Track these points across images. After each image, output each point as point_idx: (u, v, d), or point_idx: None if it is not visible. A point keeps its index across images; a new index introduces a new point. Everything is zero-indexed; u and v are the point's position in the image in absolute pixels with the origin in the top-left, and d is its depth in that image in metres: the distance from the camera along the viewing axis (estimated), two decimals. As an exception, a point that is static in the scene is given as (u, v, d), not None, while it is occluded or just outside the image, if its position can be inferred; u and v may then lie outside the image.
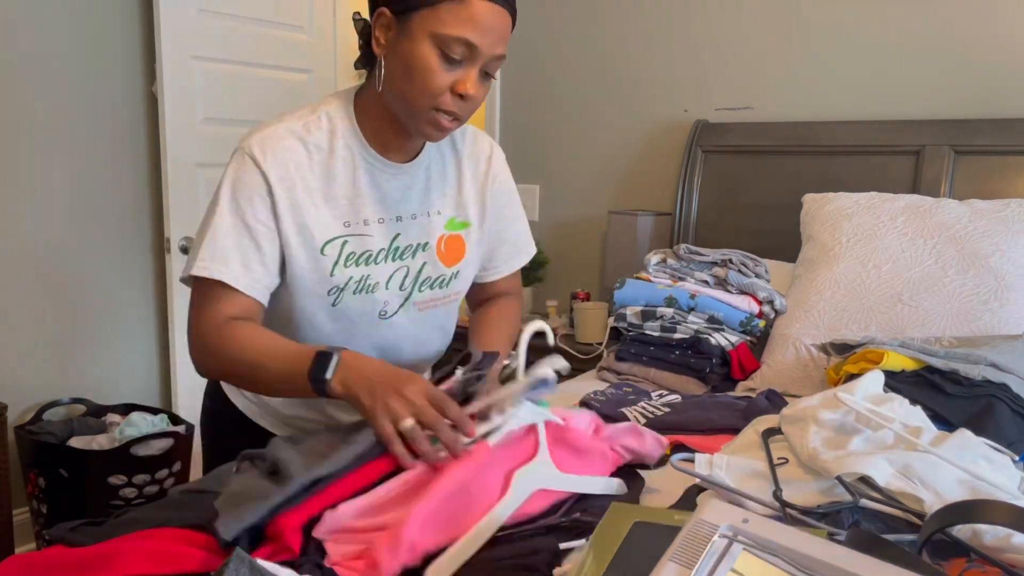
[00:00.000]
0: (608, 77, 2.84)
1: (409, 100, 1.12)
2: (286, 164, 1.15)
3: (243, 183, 1.14)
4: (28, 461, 2.37)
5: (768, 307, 1.98)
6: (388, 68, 1.13)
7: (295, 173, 1.16)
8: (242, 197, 1.14)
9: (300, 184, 1.16)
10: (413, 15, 1.08)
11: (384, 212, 1.22)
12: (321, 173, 1.18)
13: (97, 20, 2.57)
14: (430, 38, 1.07)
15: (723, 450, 1.19)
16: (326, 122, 1.19)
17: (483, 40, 1.08)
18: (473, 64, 1.10)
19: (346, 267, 1.20)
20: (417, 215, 1.26)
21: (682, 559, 0.61)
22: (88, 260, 2.62)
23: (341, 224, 1.19)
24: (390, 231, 1.23)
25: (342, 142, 1.19)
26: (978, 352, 1.47)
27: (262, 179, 1.14)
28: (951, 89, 2.27)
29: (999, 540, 0.88)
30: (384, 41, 1.12)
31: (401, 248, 1.24)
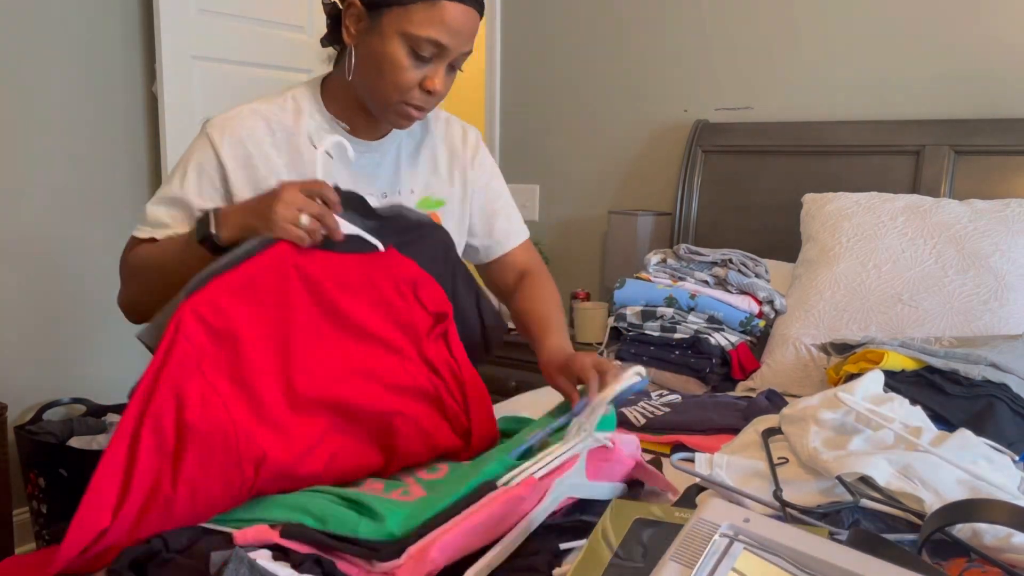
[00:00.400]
0: (608, 77, 2.84)
1: (378, 93, 1.16)
2: (244, 142, 1.18)
3: (193, 161, 1.19)
4: (28, 461, 2.37)
5: (768, 307, 1.98)
6: (357, 59, 1.16)
7: (254, 150, 1.19)
8: (190, 173, 1.18)
9: (260, 161, 1.19)
10: (384, 12, 1.10)
11: (353, 189, 1.21)
12: (287, 150, 1.20)
13: (97, 20, 2.57)
14: (400, 36, 1.10)
15: (723, 450, 1.19)
16: (291, 103, 1.23)
17: (452, 40, 1.11)
18: (441, 61, 1.14)
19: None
20: (388, 193, 1.27)
21: (683, 558, 0.61)
22: (88, 260, 2.62)
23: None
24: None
25: (308, 120, 1.22)
26: (978, 352, 1.47)
27: (214, 157, 1.18)
28: (951, 89, 2.27)
29: (999, 540, 0.88)
30: (354, 31, 1.15)
31: None
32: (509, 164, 3.11)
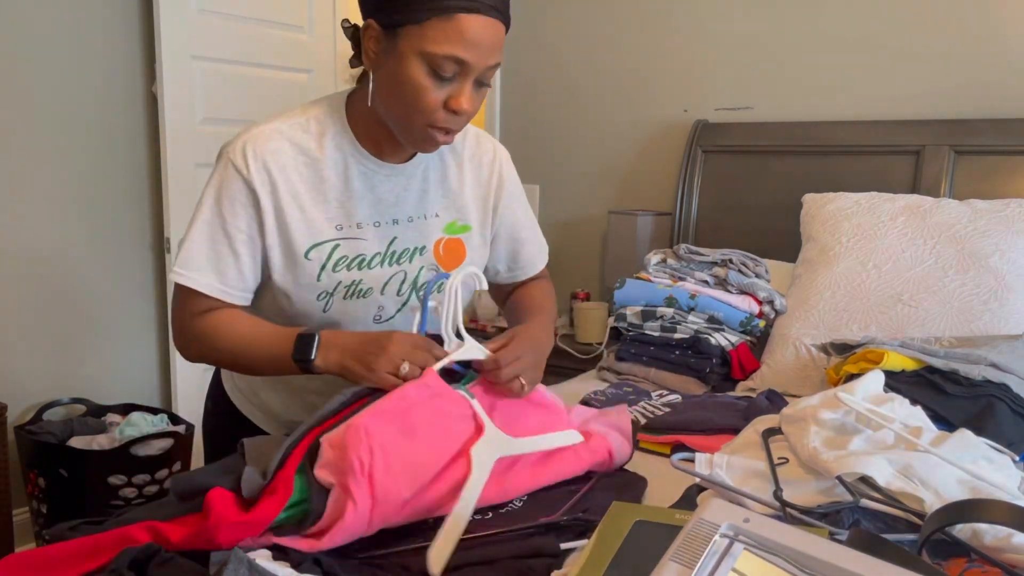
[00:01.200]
0: (608, 77, 2.84)
1: (401, 117, 1.09)
2: (270, 168, 1.12)
3: (226, 191, 1.12)
4: (28, 461, 2.37)
5: (768, 307, 1.98)
6: (378, 83, 1.09)
7: (279, 176, 1.13)
8: (224, 205, 1.12)
9: (284, 187, 1.13)
10: (400, 31, 1.04)
11: (379, 215, 1.19)
12: (309, 175, 1.14)
13: (97, 20, 2.57)
14: (419, 56, 1.03)
15: (723, 450, 1.19)
16: (315, 125, 1.16)
17: (474, 55, 1.03)
18: (466, 79, 1.06)
19: (335, 272, 1.17)
20: (414, 218, 1.22)
21: (683, 559, 0.61)
22: (88, 260, 2.62)
23: (333, 227, 1.16)
24: (386, 235, 1.20)
25: (332, 143, 1.15)
26: (978, 352, 1.47)
27: (245, 186, 1.12)
28: (951, 89, 2.27)
29: (999, 540, 0.88)
30: (373, 55, 1.09)
31: (398, 252, 1.21)
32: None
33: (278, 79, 2.93)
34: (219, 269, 1.13)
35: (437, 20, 1.01)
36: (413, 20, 1.02)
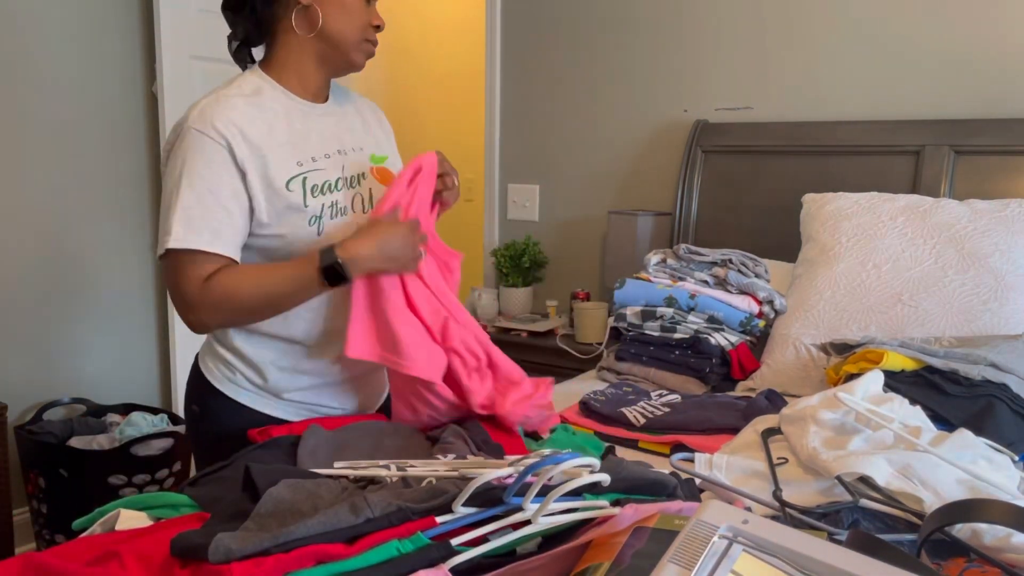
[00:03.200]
0: (608, 77, 2.84)
1: (343, 35, 1.34)
2: (233, 120, 1.26)
3: (200, 157, 1.23)
4: (28, 461, 2.37)
5: (768, 307, 1.98)
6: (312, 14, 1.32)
7: (245, 125, 1.27)
8: (202, 170, 1.23)
9: (252, 132, 1.27)
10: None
11: (326, 147, 1.36)
12: (261, 125, 1.29)
13: (97, 20, 2.57)
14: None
15: (723, 450, 1.19)
16: (248, 87, 1.34)
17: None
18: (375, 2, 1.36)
19: (314, 197, 1.31)
20: (349, 150, 1.40)
21: (682, 560, 0.61)
22: (88, 260, 2.62)
23: (295, 163, 1.31)
24: (337, 163, 1.36)
25: (268, 97, 1.33)
26: (978, 352, 1.47)
27: (218, 145, 1.24)
28: (951, 89, 2.27)
29: (998, 540, 0.88)
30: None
31: (350, 177, 1.37)
32: (509, 164, 3.11)
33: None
34: (214, 228, 1.23)
35: None
36: None
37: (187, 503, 0.98)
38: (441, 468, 0.92)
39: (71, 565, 0.80)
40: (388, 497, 0.82)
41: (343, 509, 0.79)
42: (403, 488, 0.88)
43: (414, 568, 0.75)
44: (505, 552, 0.81)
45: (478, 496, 0.82)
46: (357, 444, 1.15)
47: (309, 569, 0.75)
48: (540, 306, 3.02)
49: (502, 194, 3.14)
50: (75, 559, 0.82)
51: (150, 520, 0.95)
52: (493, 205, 3.15)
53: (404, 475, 0.92)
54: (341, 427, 1.20)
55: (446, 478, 0.88)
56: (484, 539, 0.79)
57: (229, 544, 0.76)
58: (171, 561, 0.80)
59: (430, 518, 0.80)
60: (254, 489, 0.89)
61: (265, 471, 0.92)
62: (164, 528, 0.89)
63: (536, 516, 0.79)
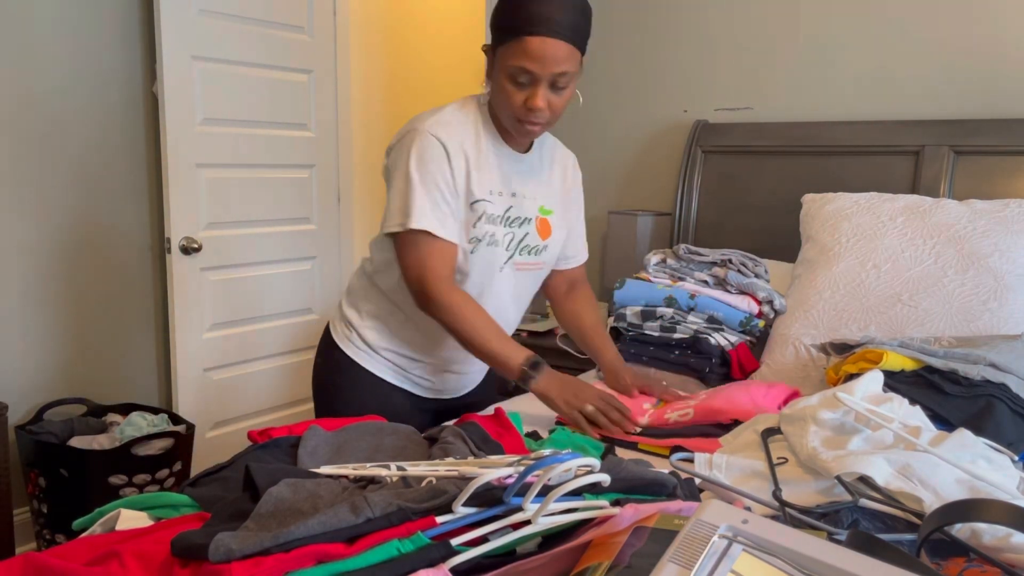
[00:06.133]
0: (608, 77, 2.84)
1: (500, 114, 1.50)
2: (457, 138, 1.49)
3: (428, 155, 1.46)
4: (28, 461, 2.37)
5: (768, 307, 1.98)
6: (491, 91, 1.50)
7: (464, 144, 1.49)
8: (430, 165, 1.45)
9: (469, 152, 1.49)
10: (497, 51, 1.44)
11: (503, 187, 1.55)
12: (471, 148, 1.51)
13: (97, 20, 2.57)
14: (503, 69, 1.43)
15: (722, 449, 1.19)
16: (471, 116, 1.53)
17: (537, 66, 1.39)
18: (537, 84, 1.42)
19: (483, 224, 1.51)
20: (522, 195, 1.58)
21: (682, 560, 0.61)
22: (88, 260, 2.63)
23: (487, 190, 1.52)
24: (505, 203, 1.55)
25: (482, 129, 1.54)
26: (977, 352, 1.47)
27: (443, 150, 1.46)
28: (951, 89, 2.27)
29: (998, 540, 0.88)
30: (488, 69, 1.49)
31: (512, 218, 1.56)
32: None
33: (278, 79, 2.93)
34: (440, 215, 1.47)
35: (512, 41, 1.40)
36: (501, 42, 1.42)
37: (187, 503, 0.98)
38: (441, 468, 0.92)
39: (71, 565, 0.80)
40: (388, 497, 0.82)
41: (343, 509, 0.79)
42: (403, 488, 0.88)
43: (414, 568, 0.75)
44: (505, 552, 0.81)
45: (478, 496, 0.82)
46: (357, 444, 1.15)
47: (309, 569, 0.75)
48: (540, 306, 3.02)
49: (502, 194, 3.14)
50: (75, 559, 0.82)
51: (150, 520, 0.95)
52: (493, 205, 3.15)
53: (404, 475, 0.92)
54: (341, 428, 1.20)
55: (446, 478, 0.88)
56: (484, 539, 0.79)
57: (229, 544, 0.76)
58: (171, 561, 0.80)
59: (430, 518, 0.80)
60: (254, 489, 0.89)
61: (265, 471, 0.92)
62: (164, 528, 0.89)
63: (536, 516, 0.79)
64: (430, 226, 1.45)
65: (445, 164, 1.47)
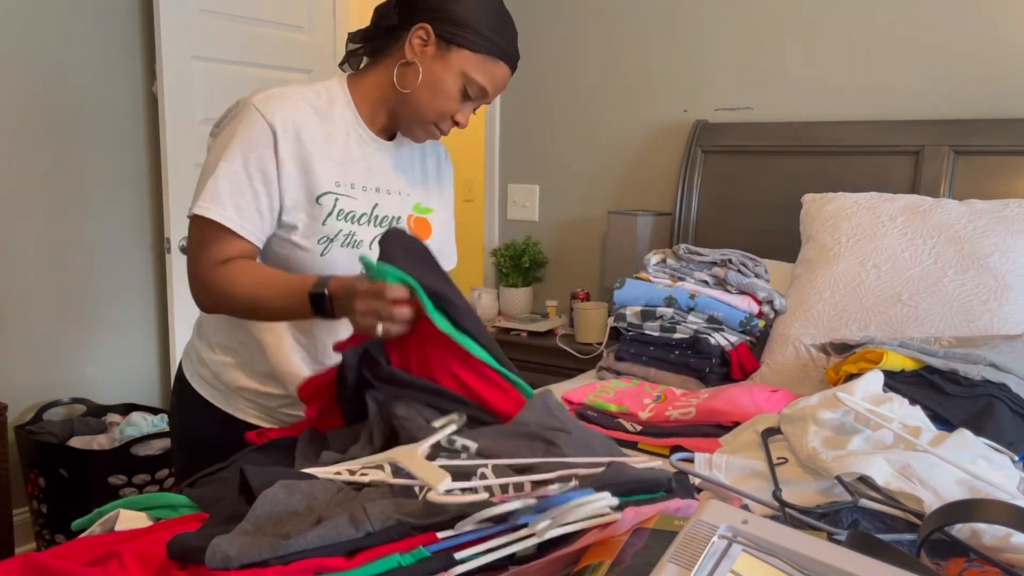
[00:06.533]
0: (608, 77, 2.84)
1: (419, 109, 1.31)
2: (292, 117, 1.27)
3: (249, 134, 1.26)
4: (28, 461, 2.37)
5: (768, 307, 1.98)
6: (410, 74, 1.30)
7: (301, 125, 1.28)
8: (247, 147, 1.25)
9: (306, 135, 1.28)
10: (456, 49, 1.28)
11: (368, 181, 1.36)
12: (319, 134, 1.31)
13: (97, 20, 2.57)
14: (460, 74, 1.28)
15: (722, 449, 1.19)
16: (325, 95, 1.34)
17: (493, 93, 1.32)
18: (475, 104, 1.34)
19: (337, 220, 1.31)
20: (391, 191, 1.40)
21: (681, 560, 0.61)
22: (88, 260, 2.62)
23: (333, 182, 1.31)
24: (371, 199, 1.36)
25: (339, 111, 1.34)
26: (977, 352, 1.47)
27: (268, 130, 1.26)
28: (951, 89, 2.27)
29: (998, 540, 0.88)
30: (417, 49, 1.29)
31: (380, 217, 1.37)
32: (509, 164, 3.11)
33: (278, 79, 2.93)
34: (239, 206, 1.25)
35: (486, 57, 1.28)
36: (472, 47, 1.28)
37: (186, 504, 0.98)
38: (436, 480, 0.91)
39: (71, 565, 0.79)
40: (388, 509, 0.81)
41: (342, 521, 0.78)
42: (404, 499, 0.87)
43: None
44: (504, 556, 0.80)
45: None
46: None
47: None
48: (540, 306, 3.02)
49: (502, 194, 3.14)
50: (75, 559, 0.82)
51: (149, 520, 0.95)
52: (493, 205, 3.15)
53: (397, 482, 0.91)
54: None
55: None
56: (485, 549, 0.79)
57: (227, 550, 0.75)
58: (170, 561, 0.80)
59: (431, 533, 0.79)
60: (249, 491, 0.89)
61: (260, 472, 0.91)
62: (163, 528, 0.89)
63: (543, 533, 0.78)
64: (221, 216, 1.23)
65: (268, 148, 1.25)
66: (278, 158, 1.26)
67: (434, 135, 1.35)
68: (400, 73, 1.31)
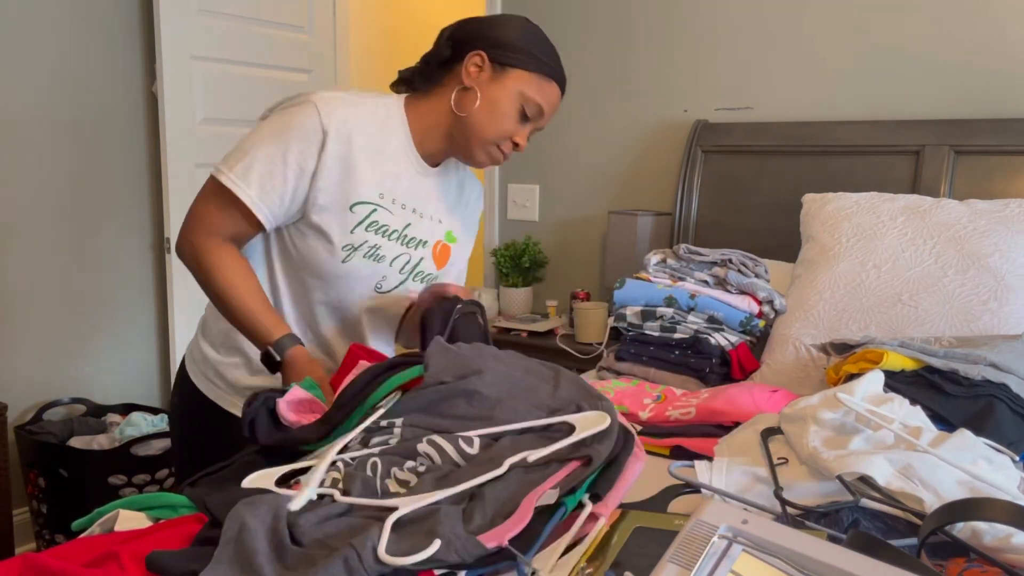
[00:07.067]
0: (608, 77, 2.84)
1: (480, 132, 1.34)
2: (349, 123, 1.29)
3: (298, 124, 1.27)
4: (28, 461, 2.37)
5: (768, 307, 1.98)
6: (469, 99, 1.33)
7: (357, 132, 1.30)
8: (292, 135, 1.27)
9: (358, 143, 1.30)
10: (510, 70, 1.33)
11: (407, 200, 1.39)
12: (372, 145, 1.32)
13: (97, 20, 2.57)
14: (518, 95, 1.33)
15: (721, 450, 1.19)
16: (383, 111, 1.36)
17: (548, 112, 1.37)
18: (532, 125, 1.37)
19: (366, 231, 1.33)
20: (424, 215, 1.42)
21: (681, 560, 0.61)
22: (88, 260, 2.62)
23: (376, 193, 1.34)
24: (406, 218, 1.39)
25: (394, 130, 1.36)
26: (978, 352, 1.47)
27: (320, 130, 1.27)
28: (951, 89, 2.27)
29: (999, 540, 0.88)
30: (474, 75, 1.34)
31: (409, 237, 1.40)
32: (509, 164, 3.11)
33: (278, 79, 2.93)
34: (263, 187, 1.27)
35: (540, 76, 1.34)
36: (526, 67, 1.33)
37: (186, 504, 0.98)
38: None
39: (70, 566, 0.79)
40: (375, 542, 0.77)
41: (337, 569, 0.75)
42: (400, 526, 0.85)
43: None
44: None
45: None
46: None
47: None
48: (540, 306, 3.02)
49: (502, 194, 3.14)
50: (74, 560, 0.82)
51: (149, 521, 0.95)
52: (493, 205, 3.15)
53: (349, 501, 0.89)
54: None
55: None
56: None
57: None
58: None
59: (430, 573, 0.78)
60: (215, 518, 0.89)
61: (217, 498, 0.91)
62: (163, 529, 0.89)
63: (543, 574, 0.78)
64: (242, 193, 1.25)
65: (314, 147, 1.27)
66: (320, 159, 1.28)
67: (496, 157, 1.38)
68: (458, 98, 1.34)
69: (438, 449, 0.95)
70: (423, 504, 0.83)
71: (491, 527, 0.79)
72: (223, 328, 1.41)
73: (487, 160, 1.39)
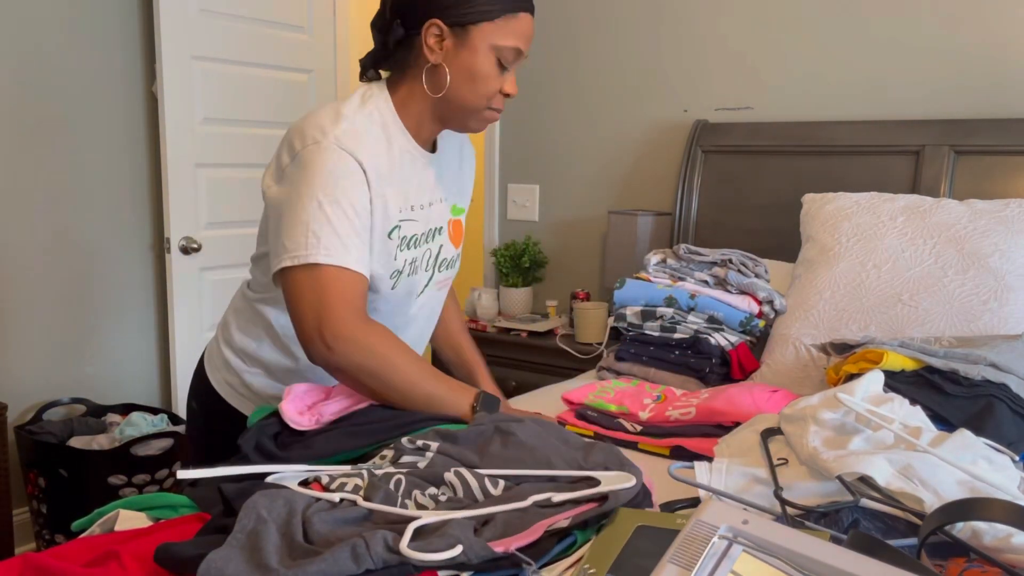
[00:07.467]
0: (608, 77, 2.84)
1: (468, 102, 1.25)
2: (373, 153, 1.22)
3: (340, 173, 1.18)
4: (28, 461, 2.37)
5: (768, 307, 1.98)
6: (440, 75, 1.23)
7: (378, 161, 1.23)
8: (342, 187, 1.17)
9: (383, 170, 1.23)
10: (472, 28, 1.20)
11: (419, 198, 1.31)
12: (386, 161, 1.25)
13: (97, 20, 2.57)
14: (490, 49, 1.22)
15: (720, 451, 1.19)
16: (378, 114, 1.26)
17: (526, 47, 1.25)
18: (514, 67, 1.26)
19: (402, 251, 1.28)
20: (433, 201, 1.35)
21: (681, 560, 0.61)
22: (88, 260, 2.62)
23: (399, 210, 1.27)
24: (425, 216, 1.32)
25: (394, 134, 1.28)
26: (978, 352, 1.47)
27: (359, 168, 1.19)
28: (951, 89, 2.27)
29: (999, 540, 0.88)
30: (438, 49, 1.22)
31: (428, 231, 1.34)
32: (509, 164, 3.11)
33: (278, 79, 2.93)
34: (357, 246, 1.18)
35: (507, 18, 1.21)
36: (487, 18, 1.20)
37: (187, 504, 0.98)
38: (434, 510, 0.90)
39: (70, 566, 0.79)
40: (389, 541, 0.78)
41: (344, 556, 0.75)
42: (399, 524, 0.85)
43: None
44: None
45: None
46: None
47: None
48: (540, 306, 3.02)
49: (502, 194, 3.14)
50: (74, 560, 0.82)
51: (149, 521, 0.95)
52: (493, 205, 3.15)
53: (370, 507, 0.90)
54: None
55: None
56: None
57: (223, 569, 0.74)
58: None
59: (432, 573, 0.78)
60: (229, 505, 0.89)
61: (235, 488, 0.92)
62: (163, 529, 0.89)
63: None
64: (340, 259, 1.15)
65: (363, 187, 1.19)
66: (371, 194, 1.21)
67: (492, 118, 1.29)
68: (429, 79, 1.25)
69: (463, 482, 0.95)
70: (443, 519, 0.83)
71: (501, 538, 0.80)
72: (250, 348, 1.35)
73: (484, 124, 1.30)
